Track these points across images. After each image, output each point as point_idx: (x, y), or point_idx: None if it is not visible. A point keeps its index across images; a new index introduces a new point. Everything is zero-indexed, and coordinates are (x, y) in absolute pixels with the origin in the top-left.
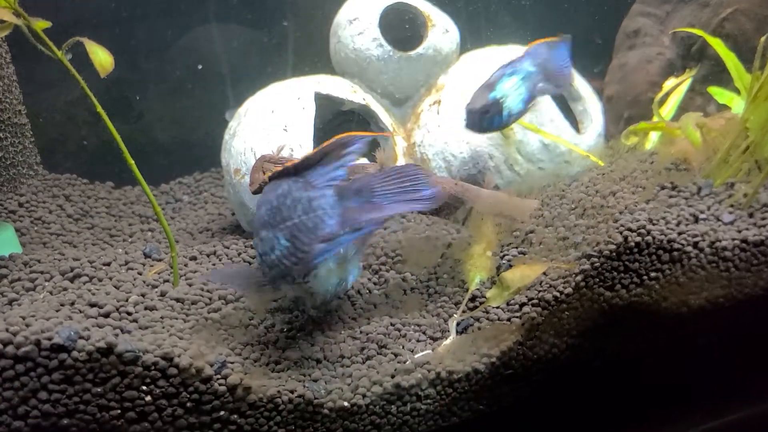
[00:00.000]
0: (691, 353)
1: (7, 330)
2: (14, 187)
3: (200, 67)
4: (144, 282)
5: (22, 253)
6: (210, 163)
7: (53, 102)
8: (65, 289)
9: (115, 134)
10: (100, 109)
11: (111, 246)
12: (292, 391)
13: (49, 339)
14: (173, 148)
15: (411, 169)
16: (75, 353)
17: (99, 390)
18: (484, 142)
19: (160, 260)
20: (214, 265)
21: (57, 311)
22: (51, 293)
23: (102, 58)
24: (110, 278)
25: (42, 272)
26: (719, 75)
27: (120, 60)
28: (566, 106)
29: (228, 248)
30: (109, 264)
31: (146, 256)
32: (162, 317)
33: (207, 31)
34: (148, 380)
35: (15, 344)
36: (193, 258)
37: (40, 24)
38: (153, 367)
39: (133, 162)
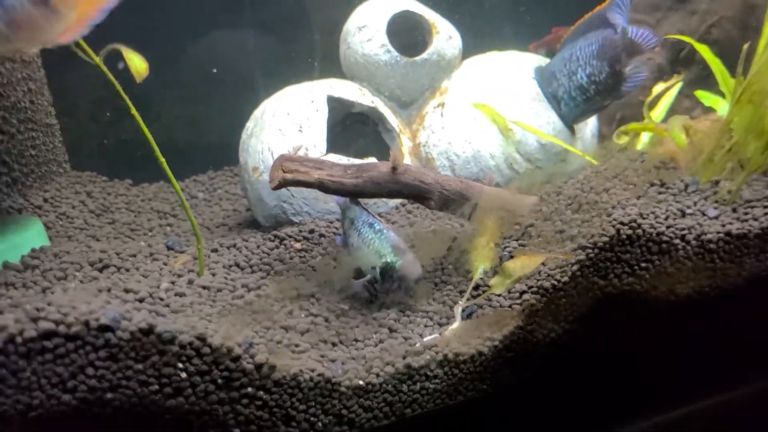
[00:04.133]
0: (679, 339)
1: (58, 311)
2: (46, 182)
3: (215, 71)
4: (170, 272)
5: (51, 245)
6: (224, 162)
7: (75, 103)
8: (95, 278)
9: (147, 134)
10: (134, 111)
11: (132, 240)
12: (312, 370)
13: (97, 320)
14: (188, 147)
15: None
16: (119, 333)
17: (140, 367)
18: (485, 142)
19: (182, 252)
20: (235, 256)
21: (95, 297)
22: (81, 282)
23: (138, 64)
24: (137, 268)
25: (72, 263)
26: (706, 79)
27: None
28: None
29: (247, 241)
30: (135, 255)
31: (169, 248)
32: (191, 303)
33: (223, 37)
34: (183, 358)
35: (66, 324)
36: (215, 250)
37: None
38: (188, 347)
39: (163, 159)
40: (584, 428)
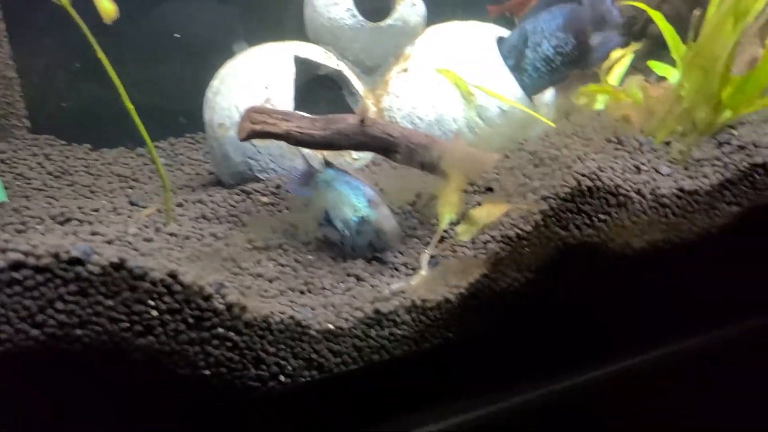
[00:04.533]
0: (634, 292)
1: (27, 243)
2: (5, 136)
3: (177, 36)
4: (135, 223)
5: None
6: (185, 129)
7: (33, 65)
8: (49, 233)
9: (123, 93)
10: (110, 70)
11: (93, 200)
12: (282, 313)
13: (67, 252)
14: (149, 114)
15: None
16: (90, 266)
17: (110, 303)
18: (448, 107)
19: (146, 208)
20: (201, 210)
21: (63, 238)
22: (43, 235)
23: (106, 5)
24: (100, 222)
25: (32, 217)
26: (657, 54)
27: (98, 27)
28: None
29: (213, 196)
30: (97, 210)
31: (132, 204)
32: (159, 248)
33: (186, 2)
34: (155, 295)
35: (35, 255)
36: (180, 205)
37: None
38: (160, 283)
39: (139, 120)
40: (545, 376)
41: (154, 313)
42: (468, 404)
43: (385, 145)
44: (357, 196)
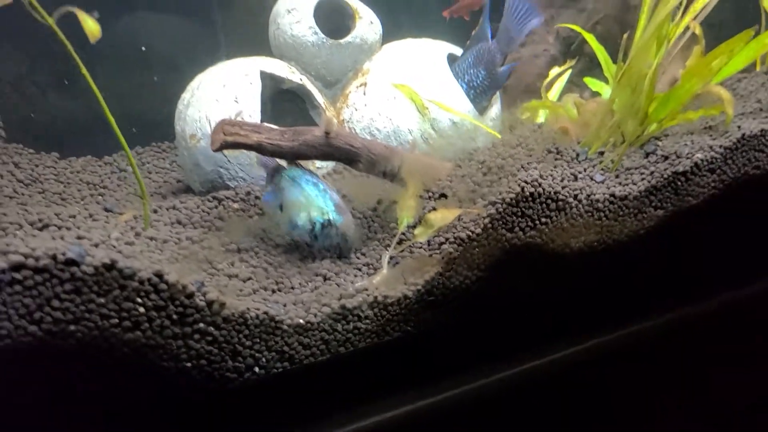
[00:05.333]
0: (573, 289)
1: (27, 246)
2: None
3: (144, 49)
4: (116, 228)
5: None
6: (151, 138)
7: (3, 75)
8: (36, 237)
9: (104, 104)
10: (90, 81)
11: (65, 207)
12: (257, 309)
13: (63, 254)
14: (116, 123)
15: None
16: (84, 267)
17: (102, 300)
18: (404, 119)
19: (121, 214)
20: (176, 215)
21: (53, 242)
22: (23, 240)
23: (91, 26)
24: (78, 228)
25: (11, 223)
26: (592, 70)
27: (74, 40)
28: None
29: (185, 203)
30: (74, 217)
31: (107, 210)
32: (141, 251)
33: (152, 16)
34: (142, 293)
35: (34, 257)
36: (155, 211)
37: None
38: (147, 282)
39: (117, 127)
40: (493, 363)
41: (142, 309)
42: (425, 392)
43: (348, 155)
44: (325, 199)
